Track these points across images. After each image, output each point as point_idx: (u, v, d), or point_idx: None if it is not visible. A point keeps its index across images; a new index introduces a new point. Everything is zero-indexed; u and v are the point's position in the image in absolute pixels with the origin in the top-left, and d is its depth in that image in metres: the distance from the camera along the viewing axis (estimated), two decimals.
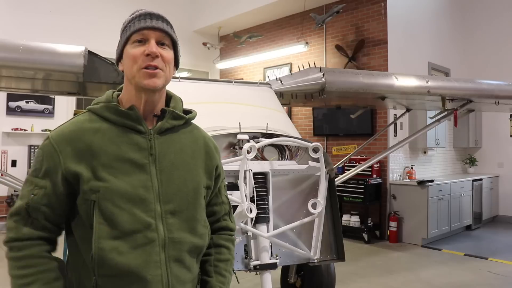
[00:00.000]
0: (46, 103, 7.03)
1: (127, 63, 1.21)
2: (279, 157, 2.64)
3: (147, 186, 1.17)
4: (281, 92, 3.61)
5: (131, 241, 1.13)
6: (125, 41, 1.22)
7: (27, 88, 3.80)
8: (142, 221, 1.14)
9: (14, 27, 6.47)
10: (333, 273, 3.28)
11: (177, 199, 1.21)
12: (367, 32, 6.72)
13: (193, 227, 1.24)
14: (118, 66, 1.30)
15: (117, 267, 1.11)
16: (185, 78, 3.10)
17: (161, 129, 1.24)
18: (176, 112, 1.27)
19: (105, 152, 1.16)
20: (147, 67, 1.18)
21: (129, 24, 1.23)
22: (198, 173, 1.29)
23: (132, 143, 1.19)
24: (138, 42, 1.20)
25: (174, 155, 1.24)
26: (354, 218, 6.30)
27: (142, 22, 1.20)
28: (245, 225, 2.33)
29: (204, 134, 1.38)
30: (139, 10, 1.26)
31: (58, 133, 1.20)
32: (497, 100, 4.32)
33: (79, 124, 1.21)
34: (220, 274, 1.34)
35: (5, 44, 2.81)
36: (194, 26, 8.74)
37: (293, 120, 7.40)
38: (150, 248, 1.14)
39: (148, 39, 1.20)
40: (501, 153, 8.26)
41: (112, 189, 1.13)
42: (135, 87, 1.22)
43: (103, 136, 1.18)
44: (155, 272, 1.14)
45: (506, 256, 5.51)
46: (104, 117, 1.21)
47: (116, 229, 1.12)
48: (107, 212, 1.12)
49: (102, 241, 1.11)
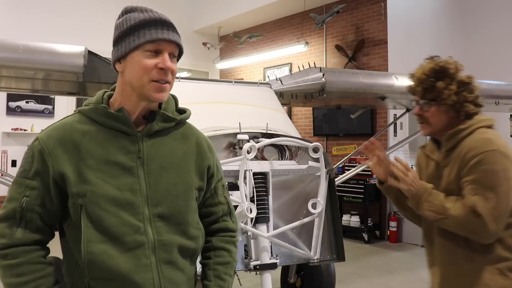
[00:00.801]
0: (46, 103, 7.03)
1: (135, 70, 1.16)
2: (279, 157, 2.64)
3: (134, 190, 1.16)
4: (281, 92, 3.61)
5: (120, 245, 1.12)
6: (135, 46, 1.15)
7: (27, 88, 3.81)
8: (130, 225, 1.13)
9: (14, 27, 6.47)
10: (333, 273, 3.28)
11: (167, 202, 1.19)
12: (367, 32, 6.72)
13: (184, 230, 1.22)
14: (115, 66, 1.22)
15: (107, 270, 1.10)
16: (185, 78, 3.10)
17: (150, 132, 1.21)
18: (167, 114, 1.24)
19: (92, 154, 1.14)
20: (159, 80, 1.16)
21: (142, 29, 1.15)
22: (189, 174, 1.26)
23: (120, 146, 1.18)
24: (153, 52, 1.15)
25: (164, 158, 1.22)
26: (354, 218, 6.30)
27: (159, 33, 1.15)
28: (245, 225, 2.33)
29: (197, 134, 1.34)
30: (142, 8, 1.20)
31: (47, 134, 1.18)
32: (497, 100, 4.33)
33: (68, 125, 1.19)
34: (219, 278, 1.31)
35: (5, 44, 2.81)
36: (194, 26, 8.74)
37: (293, 120, 7.40)
38: (140, 252, 1.14)
39: (162, 51, 1.16)
40: None
41: (98, 192, 1.12)
42: (138, 96, 1.18)
43: (91, 138, 1.16)
44: (146, 276, 1.13)
45: None
46: (93, 119, 1.19)
47: (104, 232, 1.11)
48: (94, 216, 1.11)
49: (91, 244, 1.10)
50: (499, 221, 1.53)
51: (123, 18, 1.20)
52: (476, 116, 1.69)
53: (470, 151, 1.59)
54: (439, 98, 1.67)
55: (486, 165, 1.55)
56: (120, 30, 1.19)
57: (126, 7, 1.23)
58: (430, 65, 1.74)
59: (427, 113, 1.71)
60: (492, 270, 1.59)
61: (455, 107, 1.67)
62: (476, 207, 1.53)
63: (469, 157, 1.58)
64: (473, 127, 1.65)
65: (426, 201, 1.64)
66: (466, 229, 1.57)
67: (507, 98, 4.33)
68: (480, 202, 1.53)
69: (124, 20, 1.19)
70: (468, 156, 1.59)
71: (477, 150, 1.57)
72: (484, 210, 1.51)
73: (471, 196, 1.55)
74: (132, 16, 1.18)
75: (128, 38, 1.16)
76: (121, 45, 1.18)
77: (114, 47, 1.21)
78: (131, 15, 1.19)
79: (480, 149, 1.57)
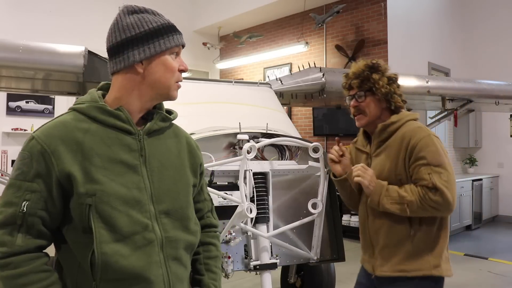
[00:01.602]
0: (46, 103, 7.03)
1: (163, 71, 1.21)
2: (279, 157, 2.64)
3: (140, 187, 1.16)
4: (281, 92, 3.61)
5: (131, 243, 1.11)
6: (166, 49, 1.20)
7: (27, 88, 3.81)
8: (139, 223, 1.13)
9: (14, 27, 6.47)
10: (333, 273, 3.28)
11: (169, 198, 1.21)
12: (367, 32, 6.72)
13: (186, 225, 1.25)
14: (135, 64, 1.19)
15: (121, 270, 1.09)
16: (185, 78, 3.10)
17: (150, 130, 1.23)
18: (165, 114, 1.28)
19: (97, 153, 1.12)
20: (179, 81, 1.25)
21: (169, 32, 1.21)
22: (185, 172, 1.29)
23: (123, 144, 1.17)
24: (175, 56, 1.23)
25: (162, 156, 1.24)
26: (354, 218, 6.30)
27: (180, 38, 1.24)
28: (245, 225, 2.33)
29: (185, 133, 1.39)
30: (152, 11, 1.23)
31: (44, 133, 1.12)
32: (497, 100, 4.33)
33: (66, 123, 1.15)
34: (211, 271, 1.37)
35: (5, 44, 2.81)
36: (194, 26, 8.73)
37: (293, 120, 7.40)
38: (150, 249, 1.14)
39: (179, 54, 1.25)
40: (501, 153, 8.26)
41: (108, 191, 1.10)
42: (157, 96, 1.24)
43: (93, 136, 1.14)
44: (158, 272, 1.14)
45: (506, 256, 5.51)
46: (92, 116, 1.17)
47: (116, 232, 1.09)
48: (106, 215, 1.09)
49: (103, 245, 1.08)
50: (453, 191, 1.74)
51: (136, 18, 1.19)
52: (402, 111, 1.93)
53: (412, 139, 1.79)
54: (375, 87, 1.90)
55: (429, 147, 1.77)
56: (140, 31, 1.18)
57: (130, 6, 1.22)
58: (363, 62, 1.98)
59: (363, 104, 1.93)
60: (426, 250, 1.80)
61: (387, 97, 1.90)
62: (435, 183, 1.72)
63: (413, 144, 1.79)
64: (403, 120, 1.87)
65: (385, 196, 1.81)
66: (429, 208, 1.74)
67: (507, 98, 4.33)
68: (436, 178, 1.73)
69: (142, 21, 1.19)
70: (412, 143, 1.79)
71: (417, 137, 1.79)
72: (440, 184, 1.72)
73: (426, 176, 1.74)
74: (150, 18, 1.20)
75: (157, 40, 1.19)
76: (147, 46, 1.18)
77: (129, 47, 1.18)
78: (147, 16, 1.20)
79: (419, 136, 1.79)
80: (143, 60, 1.19)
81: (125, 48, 1.18)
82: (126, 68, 1.19)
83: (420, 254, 1.81)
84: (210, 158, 2.35)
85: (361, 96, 1.93)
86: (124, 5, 1.23)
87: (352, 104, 1.97)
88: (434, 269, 1.80)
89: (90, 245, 1.08)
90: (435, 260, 1.81)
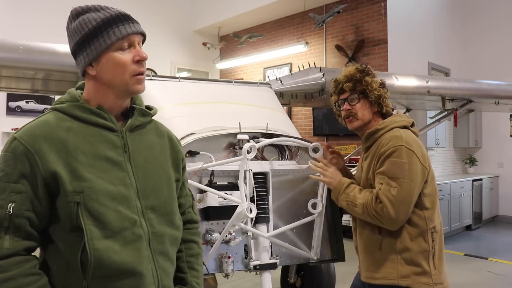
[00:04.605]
0: (46, 103, 7.02)
1: (113, 69, 1.16)
2: (279, 157, 2.64)
3: (126, 184, 1.17)
4: (281, 92, 3.61)
5: (121, 239, 1.12)
6: (107, 46, 1.15)
7: (27, 88, 3.81)
8: (128, 218, 1.14)
9: (14, 27, 6.47)
10: (333, 273, 3.28)
11: (154, 194, 1.22)
12: (367, 32, 6.72)
13: (171, 220, 1.26)
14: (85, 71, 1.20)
15: (114, 266, 1.09)
16: (185, 78, 3.10)
17: (132, 126, 1.24)
18: (144, 109, 1.29)
19: (82, 150, 1.13)
20: (138, 73, 1.18)
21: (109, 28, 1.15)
22: (169, 167, 1.31)
23: (106, 141, 1.18)
24: (125, 48, 1.17)
25: (146, 151, 1.25)
26: None
27: (127, 27, 1.16)
28: (245, 225, 2.33)
29: (166, 129, 1.40)
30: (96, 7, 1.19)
31: (27, 133, 1.12)
32: (497, 100, 4.32)
33: (48, 122, 1.15)
34: (193, 269, 1.38)
35: (5, 44, 2.81)
36: (194, 26, 8.73)
37: (293, 120, 7.40)
38: (140, 244, 1.15)
39: (134, 44, 1.19)
40: (501, 153, 8.26)
41: (96, 188, 1.11)
42: (117, 94, 1.20)
43: (77, 134, 1.14)
44: (147, 266, 1.16)
45: (506, 256, 5.52)
46: (74, 115, 1.17)
47: (106, 228, 1.10)
48: (95, 212, 1.09)
49: (95, 242, 1.08)
50: (400, 208, 1.71)
51: (78, 22, 1.19)
52: (392, 117, 1.94)
53: (382, 147, 1.82)
54: (368, 89, 1.92)
55: (393, 158, 1.76)
56: (81, 34, 1.17)
57: (75, 9, 1.21)
58: (353, 67, 2.00)
59: (355, 107, 1.94)
60: (394, 259, 1.79)
61: (379, 100, 1.93)
62: (378, 194, 1.73)
63: (381, 152, 1.81)
64: (389, 127, 1.88)
65: (343, 193, 1.90)
66: (371, 215, 1.76)
67: (507, 98, 4.33)
68: (383, 190, 1.73)
69: (82, 23, 1.18)
70: (380, 151, 1.82)
71: (387, 146, 1.80)
72: (384, 197, 1.71)
73: (377, 184, 1.77)
74: (89, 17, 1.17)
75: (96, 40, 1.16)
76: (89, 48, 1.17)
77: (79, 52, 1.19)
78: (87, 16, 1.18)
79: (390, 145, 1.79)
80: (92, 62, 1.18)
81: (76, 54, 1.21)
82: (83, 73, 1.22)
83: (388, 262, 1.78)
84: (210, 158, 2.35)
85: (354, 99, 1.95)
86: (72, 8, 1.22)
87: (345, 107, 1.99)
88: (402, 279, 1.75)
89: (79, 243, 1.08)
90: (405, 270, 1.75)
